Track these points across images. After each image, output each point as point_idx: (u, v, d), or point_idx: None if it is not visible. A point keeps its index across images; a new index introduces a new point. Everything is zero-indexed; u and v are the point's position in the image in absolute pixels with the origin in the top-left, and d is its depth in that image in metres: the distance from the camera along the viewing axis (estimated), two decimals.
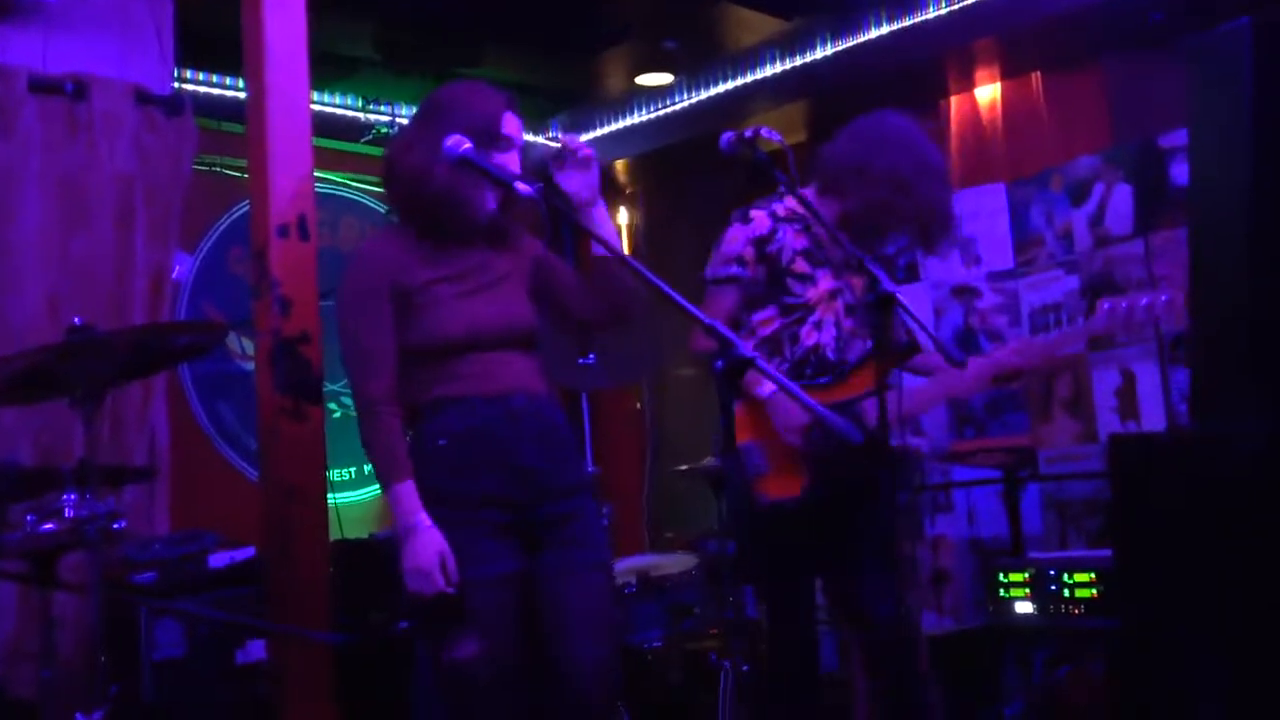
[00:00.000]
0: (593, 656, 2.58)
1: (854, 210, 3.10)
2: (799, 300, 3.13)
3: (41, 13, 4.00)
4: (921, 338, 3.19)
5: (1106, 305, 3.03)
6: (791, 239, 3.14)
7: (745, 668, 3.71)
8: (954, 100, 5.40)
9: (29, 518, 2.82)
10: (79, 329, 2.74)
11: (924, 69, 5.19)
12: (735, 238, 3.15)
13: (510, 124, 2.68)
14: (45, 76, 3.96)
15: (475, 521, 2.53)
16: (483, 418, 2.58)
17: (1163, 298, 3.02)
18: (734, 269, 3.14)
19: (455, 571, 2.48)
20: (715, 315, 3.09)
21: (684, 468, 4.45)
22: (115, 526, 2.80)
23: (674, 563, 4.30)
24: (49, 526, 2.79)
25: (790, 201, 3.16)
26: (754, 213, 3.16)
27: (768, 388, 3.01)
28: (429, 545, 2.48)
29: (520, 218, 2.79)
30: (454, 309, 2.61)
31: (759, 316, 3.15)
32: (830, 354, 3.14)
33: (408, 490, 2.52)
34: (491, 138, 2.63)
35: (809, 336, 3.13)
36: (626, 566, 4.22)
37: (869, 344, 3.14)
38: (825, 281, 3.15)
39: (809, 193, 3.13)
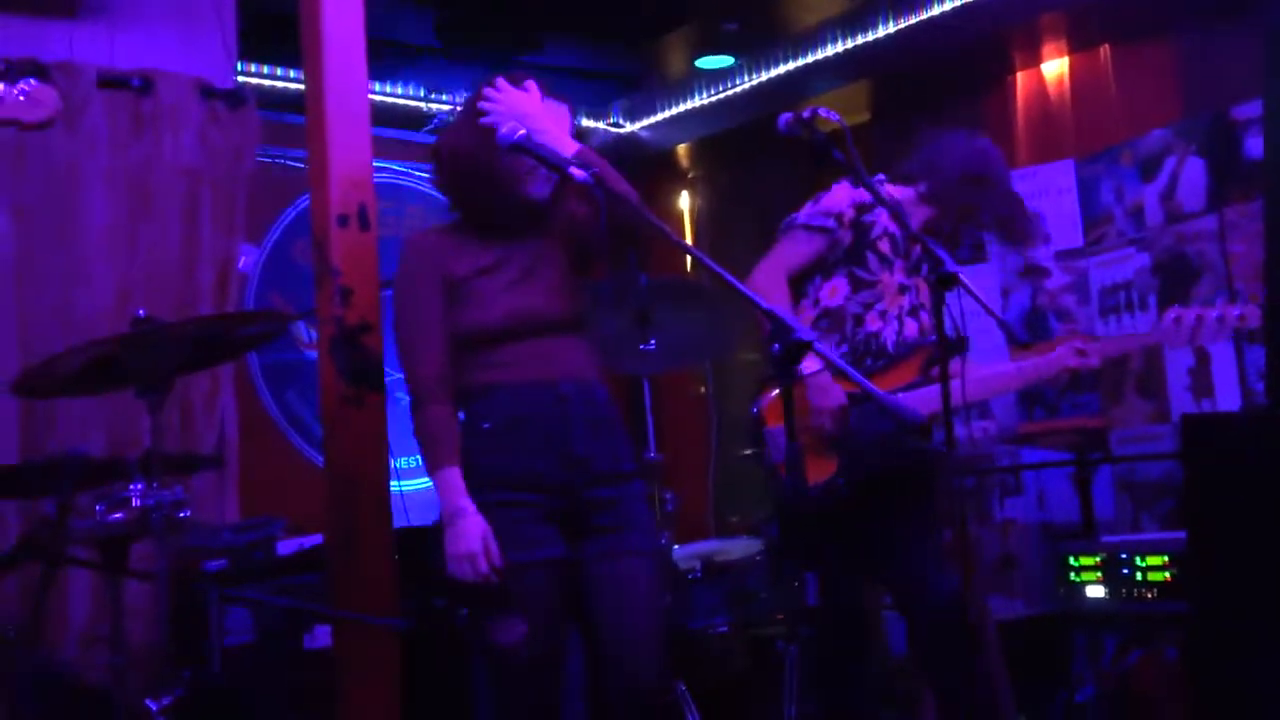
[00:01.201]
0: (640, 638, 2.59)
1: (940, 220, 3.18)
2: (872, 278, 3.10)
3: (107, 9, 4.08)
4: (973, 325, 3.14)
5: (1173, 315, 3.00)
6: (886, 220, 3.13)
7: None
8: (1020, 76, 5.30)
9: (98, 507, 2.88)
10: (144, 320, 2.79)
11: (988, 45, 5.10)
12: (840, 195, 3.16)
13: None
14: (112, 72, 4.03)
15: (520, 505, 2.55)
16: (529, 403, 2.59)
17: (1235, 311, 2.97)
18: (830, 222, 3.13)
19: (498, 556, 2.49)
20: (788, 257, 3.18)
21: (748, 453, 4.43)
22: (181, 515, 2.85)
23: (738, 548, 4.27)
24: (117, 515, 2.85)
25: (893, 189, 3.19)
26: (859, 186, 3.15)
27: (809, 364, 2.98)
28: (472, 530, 2.50)
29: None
30: (497, 299, 2.63)
31: (829, 284, 3.14)
32: (890, 346, 3.11)
33: (453, 475, 2.55)
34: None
35: (873, 323, 3.11)
36: (691, 552, 4.20)
37: (921, 343, 3.12)
38: (899, 274, 3.12)
39: (896, 189, 3.18)
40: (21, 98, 1.56)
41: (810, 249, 3.13)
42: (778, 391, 3.01)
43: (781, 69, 5.63)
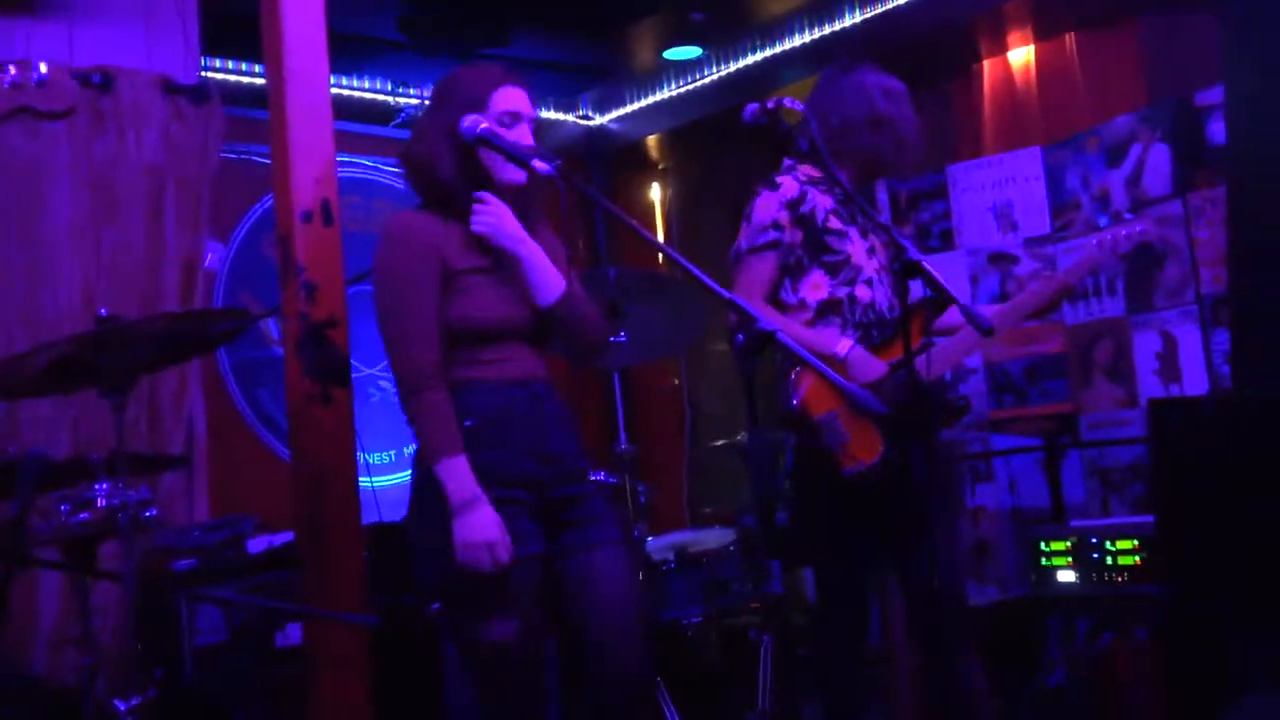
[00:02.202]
0: (625, 626, 2.58)
1: (853, 168, 3.16)
2: (841, 257, 3.08)
3: (67, 6, 4.03)
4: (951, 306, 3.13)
5: (1095, 240, 3.18)
6: (821, 198, 3.11)
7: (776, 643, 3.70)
8: (987, 64, 5.31)
9: (63, 507, 2.85)
10: (107, 319, 2.76)
11: (955, 33, 5.11)
12: (767, 204, 3.11)
13: (509, 98, 2.65)
14: (72, 68, 3.99)
15: (509, 501, 2.53)
16: (510, 400, 2.59)
17: (1138, 228, 3.19)
18: (771, 234, 3.09)
19: (511, 548, 2.47)
20: (753, 285, 3.11)
21: (721, 443, 4.44)
22: (147, 514, 2.83)
23: (712, 538, 4.27)
24: (82, 516, 2.83)
25: (808, 168, 3.15)
26: (780, 179, 3.14)
27: (843, 346, 2.99)
28: (489, 518, 2.46)
29: (544, 210, 2.77)
30: (493, 298, 2.61)
31: (807, 282, 3.10)
32: (885, 310, 3.09)
33: (461, 464, 2.49)
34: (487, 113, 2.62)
35: (864, 294, 3.08)
36: (665, 543, 4.20)
37: (969, 309, 3.08)
38: (858, 240, 3.12)
39: (792, 166, 3.19)
40: (38, 87, 1.55)
41: (767, 266, 3.09)
42: (812, 380, 2.99)
43: (750, 59, 5.63)
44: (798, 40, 5.45)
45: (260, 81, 5.00)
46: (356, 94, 5.48)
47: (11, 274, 3.90)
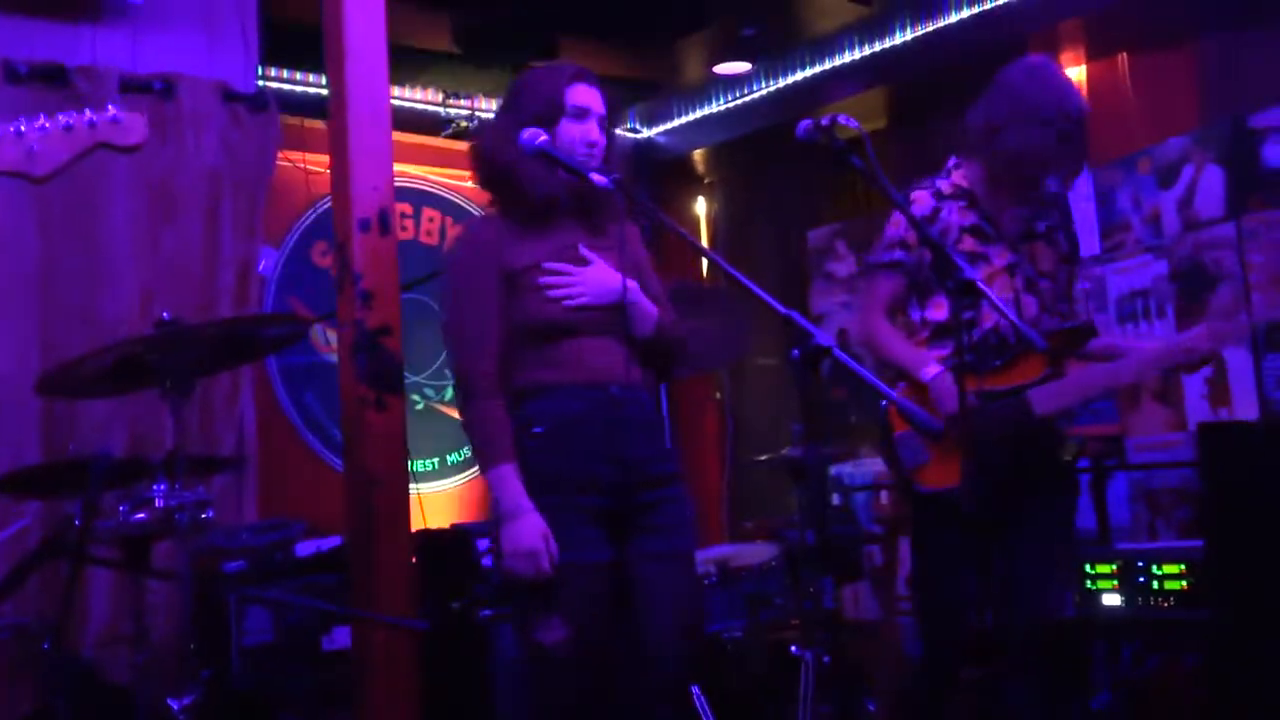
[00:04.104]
0: (676, 640, 2.60)
1: (997, 165, 3.00)
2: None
3: (129, 14, 4.10)
4: (1011, 323, 3.06)
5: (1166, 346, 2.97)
6: (957, 216, 3.03)
7: (826, 659, 3.69)
8: None
9: (122, 507, 2.89)
10: (168, 322, 2.81)
11: (1007, 52, 5.05)
12: (898, 220, 3.06)
13: (580, 95, 2.69)
14: (134, 76, 4.06)
15: (572, 507, 2.54)
16: (582, 404, 2.59)
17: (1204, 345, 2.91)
18: (897, 254, 3.05)
19: (556, 554, 2.49)
20: (874, 301, 3.11)
21: (764, 457, 4.43)
22: (204, 515, 2.87)
23: (754, 553, 4.27)
24: (140, 516, 2.87)
25: (956, 176, 3.08)
26: (915, 194, 3.06)
27: (930, 371, 2.94)
28: (532, 527, 2.49)
29: (620, 215, 2.78)
30: (552, 294, 2.63)
31: (932, 302, 3.05)
32: (1011, 336, 2.98)
33: (509, 473, 2.53)
34: (557, 110, 2.66)
35: (987, 319, 3.00)
36: (706, 556, 4.20)
37: (1055, 323, 2.99)
38: (999, 258, 3.02)
39: (955, 167, 3.09)
40: (112, 123, 1.60)
41: (889, 284, 3.07)
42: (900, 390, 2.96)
43: (799, 75, 5.64)
44: (848, 56, 5.45)
45: (314, 90, 5.06)
46: (408, 104, 5.53)
47: (72, 275, 3.96)
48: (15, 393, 3.60)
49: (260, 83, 4.57)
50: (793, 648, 3.85)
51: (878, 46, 5.33)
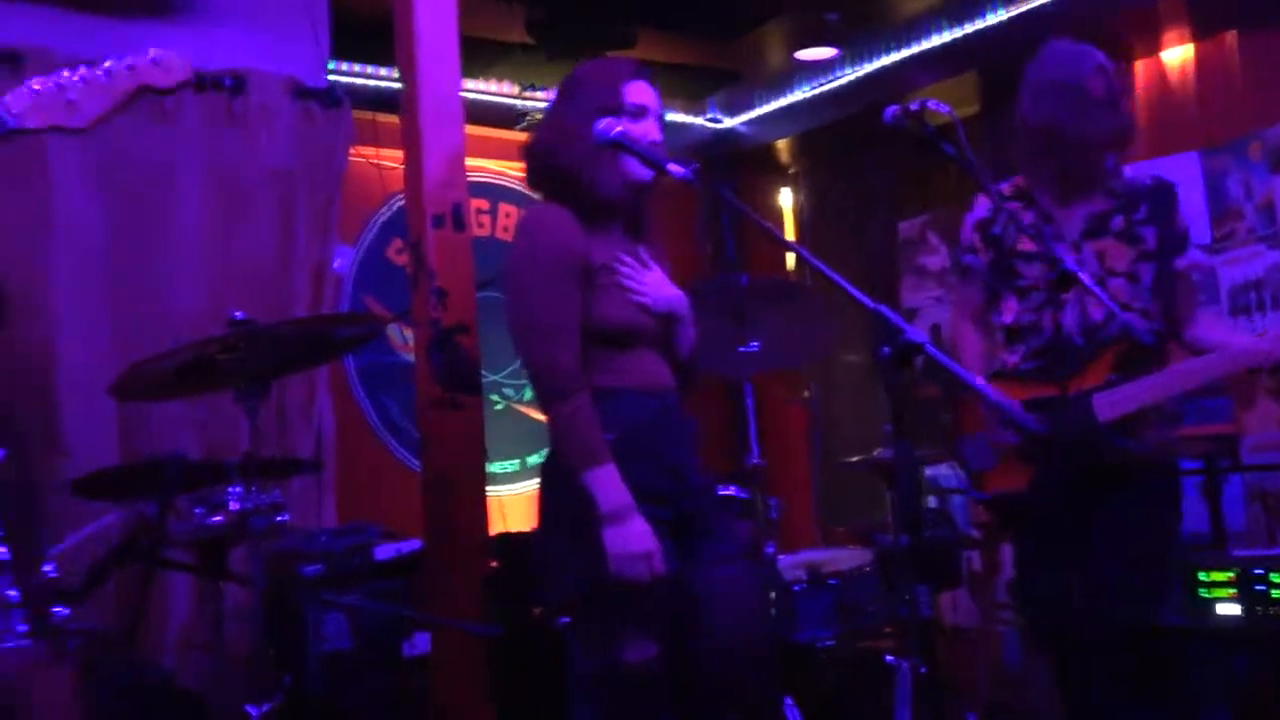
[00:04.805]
0: (742, 639, 2.52)
1: (1040, 154, 2.92)
2: (1029, 283, 2.93)
3: (199, 9, 4.07)
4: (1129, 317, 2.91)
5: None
6: (1020, 215, 2.94)
7: (923, 669, 3.54)
8: (1139, 65, 5.08)
9: (197, 510, 2.86)
10: (240, 322, 2.75)
11: (1103, 33, 4.87)
12: (965, 224, 3.05)
13: (638, 92, 2.58)
14: (205, 72, 4.01)
15: (647, 516, 2.44)
16: (647, 412, 2.51)
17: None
18: (966, 258, 3.04)
19: (664, 559, 2.39)
20: (960, 306, 3.11)
21: (854, 459, 4.31)
22: (279, 519, 2.84)
23: (845, 558, 4.15)
24: (216, 519, 2.84)
25: (1017, 179, 3.01)
26: (980, 197, 3.02)
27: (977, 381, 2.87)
28: (645, 529, 2.38)
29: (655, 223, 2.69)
30: (623, 298, 2.52)
31: (1004, 306, 2.99)
32: (1077, 338, 2.88)
33: (611, 472, 2.39)
34: (617, 109, 2.54)
35: (1048, 322, 2.91)
36: (796, 561, 4.09)
37: (1125, 321, 2.85)
38: (1064, 258, 2.88)
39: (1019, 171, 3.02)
40: (153, 65, 1.54)
41: (967, 289, 3.06)
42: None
43: (885, 60, 5.48)
44: (936, 40, 5.28)
45: (385, 85, 5.01)
46: (482, 97, 5.45)
47: (143, 277, 3.93)
48: (90, 395, 3.57)
49: (331, 77, 4.51)
50: (887, 657, 3.73)
51: (968, 28, 5.15)
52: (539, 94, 5.54)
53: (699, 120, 6.13)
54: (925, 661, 3.53)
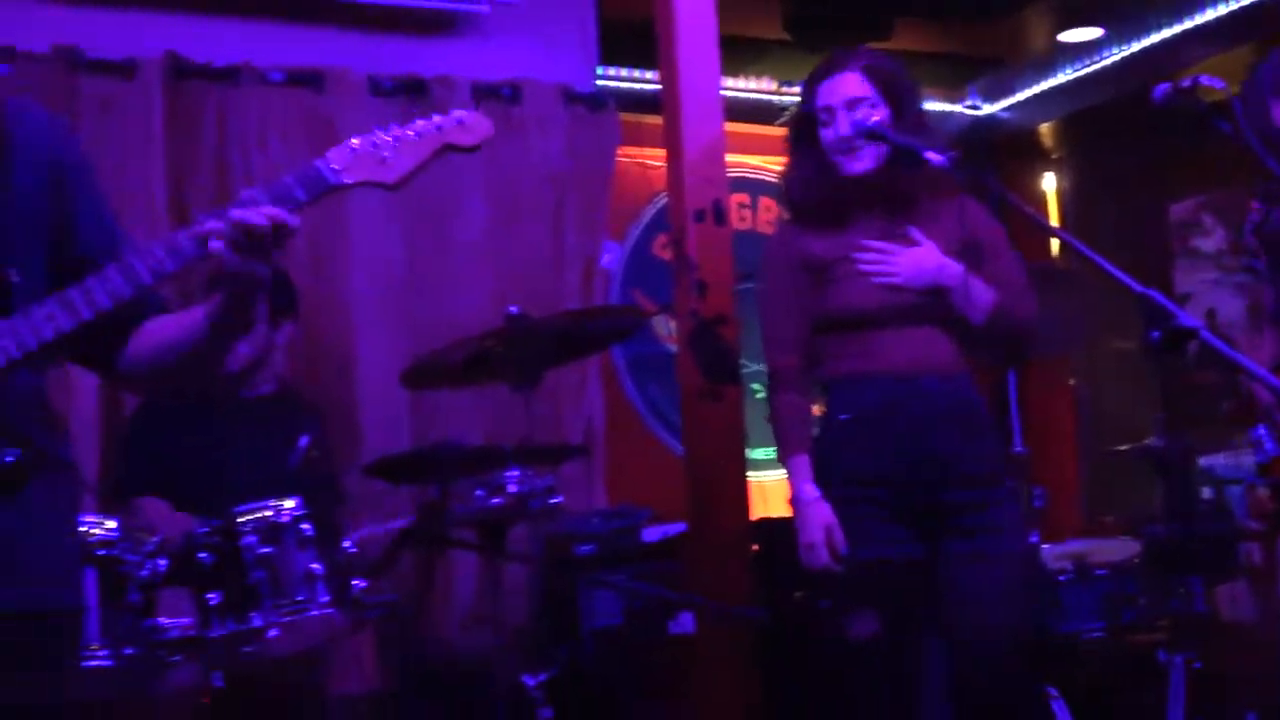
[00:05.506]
0: (999, 629, 2.51)
1: None
2: None
3: (479, 25, 4.33)
4: None
5: None
6: None
7: (1198, 666, 3.43)
8: None
9: (478, 492, 3.05)
10: (515, 317, 2.94)
11: None
12: (1244, 229, 2.99)
13: (826, 93, 2.66)
14: (483, 83, 4.28)
15: (871, 500, 2.50)
16: (885, 396, 2.54)
17: None
18: (1246, 260, 3.00)
19: (843, 546, 2.46)
20: (1260, 312, 3.01)
21: (1123, 448, 4.18)
22: (553, 501, 2.99)
23: (1113, 549, 4.03)
24: (495, 501, 3.02)
25: None
26: (1253, 202, 2.94)
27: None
28: (815, 519, 2.50)
29: (946, 192, 2.70)
30: (862, 285, 2.58)
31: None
32: None
33: (799, 464, 2.56)
34: (816, 121, 2.66)
35: None
36: (1061, 551, 4.01)
37: None
38: None
39: None
40: (458, 125, 1.72)
41: (1263, 287, 2.97)
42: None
43: (1155, 37, 5.26)
44: (1210, 14, 5.03)
45: (649, 87, 5.17)
46: (740, 94, 5.54)
47: (431, 277, 4.22)
48: (386, 386, 3.86)
49: (599, 83, 4.70)
50: (1159, 653, 3.62)
51: (1244, 0, 4.89)
52: (797, 89, 5.58)
53: (958, 108, 6.05)
54: (1200, 657, 3.44)
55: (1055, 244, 5.63)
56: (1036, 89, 5.82)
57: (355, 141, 1.69)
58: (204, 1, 4.03)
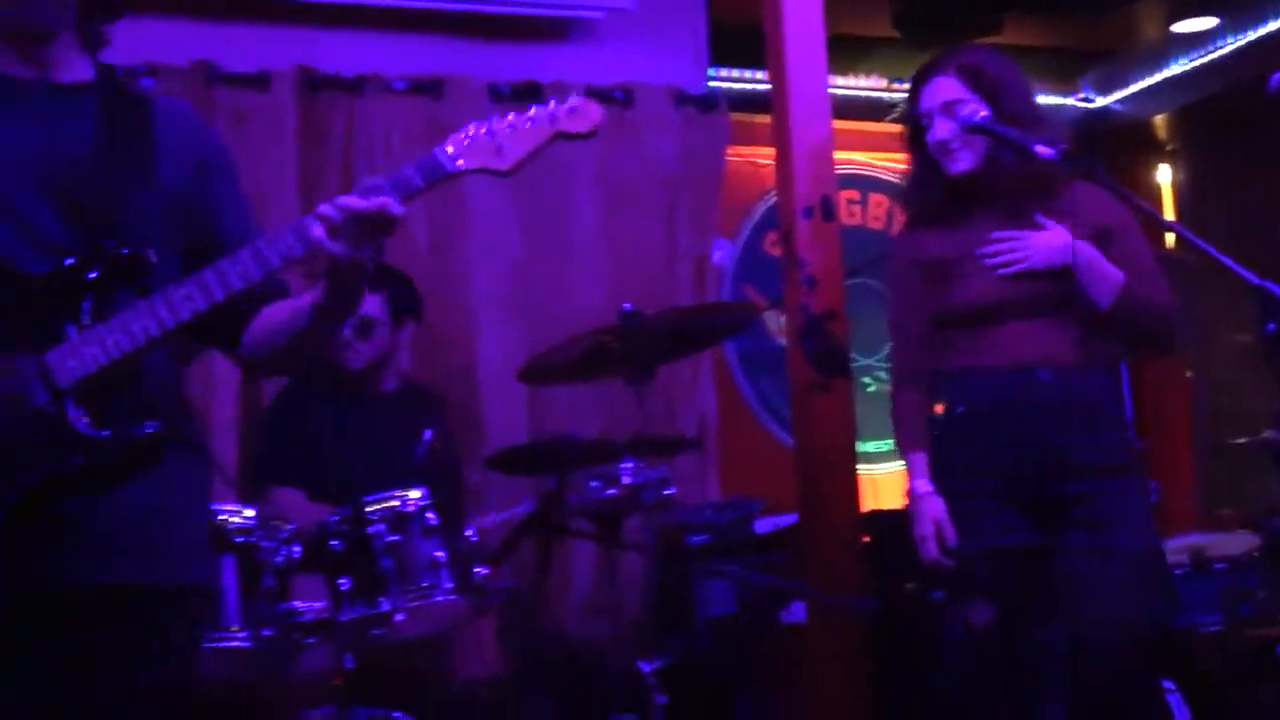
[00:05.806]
0: (1115, 625, 2.51)
1: None
2: None
3: (592, 30, 4.45)
4: None
5: None
6: None
7: None
8: None
9: (594, 484, 3.15)
10: (629, 313, 3.03)
11: None
12: None
13: (928, 97, 2.71)
14: (597, 87, 4.39)
15: (984, 493, 2.54)
16: (999, 389, 2.57)
17: None
18: None
19: (953, 540, 2.50)
20: None
21: (1241, 440, 4.13)
22: (666, 492, 3.07)
23: (1232, 542, 3.98)
24: (611, 492, 3.11)
25: None
26: None
27: None
28: (926, 513, 2.56)
29: (1062, 181, 2.70)
30: (981, 280, 2.62)
31: None
32: None
33: (916, 459, 2.65)
34: (915, 119, 2.72)
35: None
36: (1177, 545, 3.97)
37: None
38: None
39: None
40: (570, 113, 1.77)
41: None
42: None
43: (1270, 26, 5.16)
44: None
45: (758, 87, 5.22)
46: (849, 92, 5.57)
47: (548, 275, 4.35)
48: (504, 381, 4.00)
49: (710, 84, 4.78)
50: (1278, 647, 3.57)
51: None
52: (906, 86, 5.59)
53: (1070, 101, 5.99)
54: None
55: (1170, 238, 5.56)
56: (1150, 80, 5.75)
57: (472, 129, 1.74)
58: (332, 15, 4.20)
